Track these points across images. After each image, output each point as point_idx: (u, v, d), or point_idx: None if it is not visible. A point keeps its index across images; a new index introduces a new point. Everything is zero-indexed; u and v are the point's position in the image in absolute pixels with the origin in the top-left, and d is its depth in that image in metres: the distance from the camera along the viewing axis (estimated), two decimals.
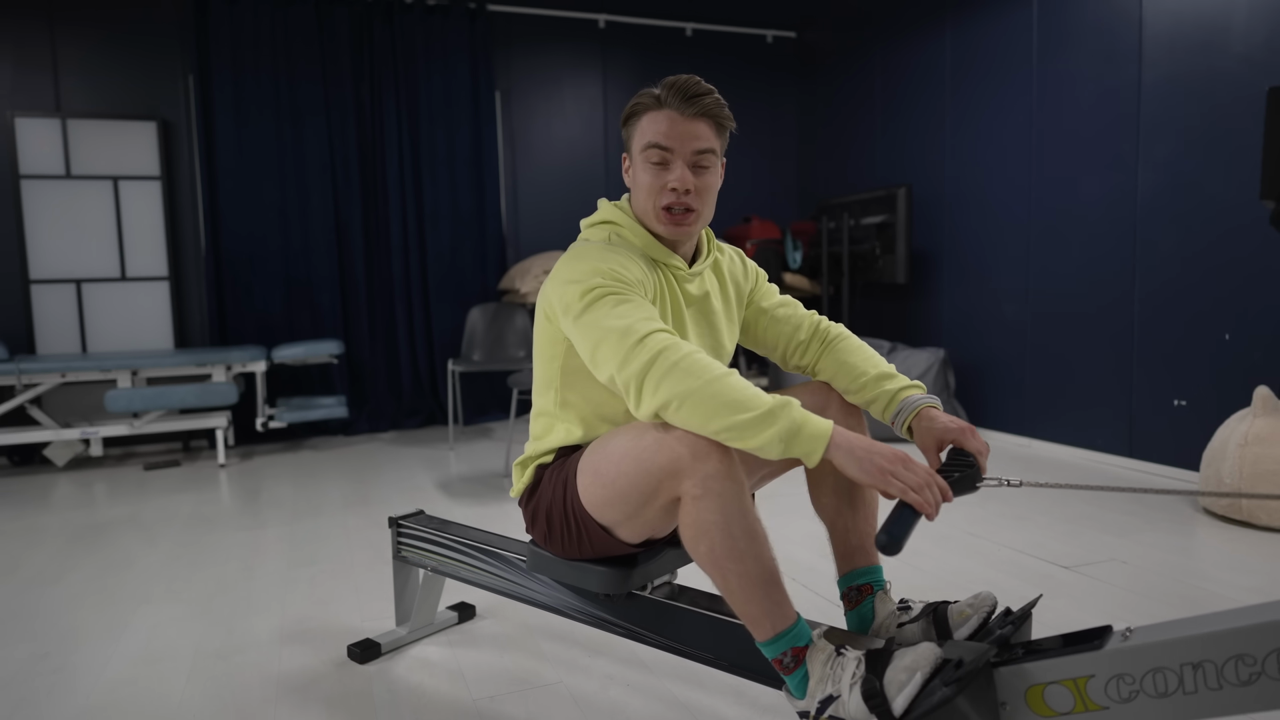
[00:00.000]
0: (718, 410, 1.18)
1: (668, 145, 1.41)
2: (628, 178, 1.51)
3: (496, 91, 5.22)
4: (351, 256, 4.95)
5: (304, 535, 2.95)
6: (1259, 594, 2.20)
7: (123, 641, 2.07)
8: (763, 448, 1.18)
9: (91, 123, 4.45)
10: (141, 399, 4.05)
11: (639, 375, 1.23)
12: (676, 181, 1.41)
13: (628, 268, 1.37)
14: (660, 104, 1.42)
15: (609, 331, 1.27)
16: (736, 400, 1.19)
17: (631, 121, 1.47)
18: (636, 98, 1.46)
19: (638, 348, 1.24)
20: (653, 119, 1.42)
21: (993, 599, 1.34)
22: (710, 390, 1.19)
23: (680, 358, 1.22)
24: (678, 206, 1.43)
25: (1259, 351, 3.12)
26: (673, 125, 1.41)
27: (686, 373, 1.21)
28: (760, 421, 1.17)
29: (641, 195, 1.45)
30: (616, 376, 1.27)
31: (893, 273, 4.59)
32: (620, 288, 1.33)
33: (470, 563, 1.83)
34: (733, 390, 1.20)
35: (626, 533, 1.38)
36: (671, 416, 1.22)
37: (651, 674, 1.83)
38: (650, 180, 1.43)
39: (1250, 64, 3.08)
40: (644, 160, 1.43)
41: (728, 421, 1.18)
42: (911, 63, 4.76)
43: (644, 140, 1.43)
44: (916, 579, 2.38)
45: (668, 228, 1.44)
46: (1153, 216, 3.47)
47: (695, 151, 1.42)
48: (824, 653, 1.21)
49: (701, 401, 1.19)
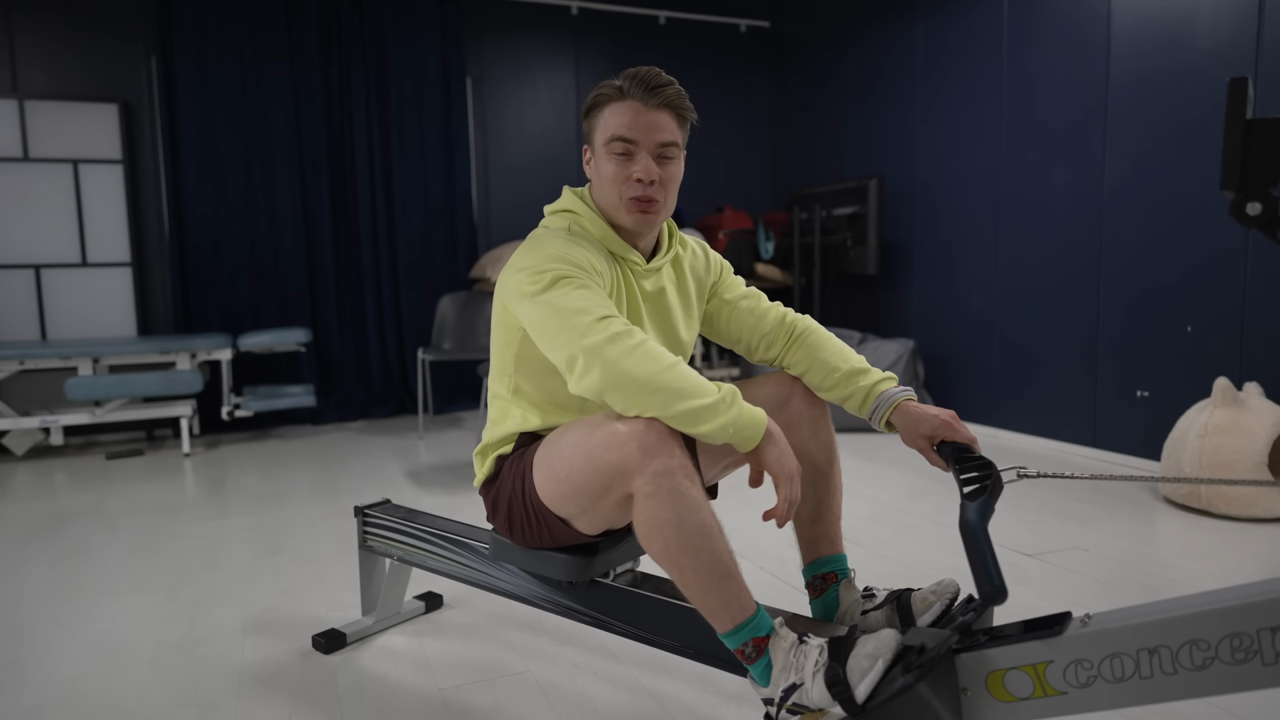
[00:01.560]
0: (672, 396, 1.21)
1: (632, 137, 1.40)
2: (589, 169, 1.49)
3: (468, 78, 5.16)
4: (320, 243, 4.89)
5: (269, 525, 2.91)
6: (1216, 580, 2.25)
7: (81, 634, 2.04)
8: (712, 434, 1.22)
9: (50, 104, 4.34)
10: (103, 387, 3.98)
11: (590, 351, 1.23)
12: (642, 172, 1.40)
13: (588, 257, 1.37)
14: (623, 95, 1.41)
15: (564, 310, 1.27)
16: (689, 387, 1.22)
17: (594, 113, 1.45)
18: (598, 89, 1.45)
19: (595, 325, 1.25)
20: (615, 110, 1.41)
21: (955, 586, 1.35)
22: (665, 377, 1.21)
23: (637, 342, 1.24)
24: (635, 195, 1.42)
25: (1220, 344, 3.18)
26: (636, 116, 1.40)
27: (645, 356, 1.22)
28: (712, 409, 1.22)
29: (606, 187, 1.44)
30: (566, 351, 1.26)
31: (864, 264, 4.61)
32: (579, 274, 1.32)
33: (436, 552, 1.82)
34: (685, 378, 1.23)
35: (584, 525, 1.37)
36: (623, 400, 1.23)
37: (619, 663, 1.83)
38: (615, 171, 1.42)
39: (1215, 59, 3.12)
40: (608, 152, 1.42)
41: (682, 407, 1.21)
42: (883, 53, 4.78)
43: (607, 132, 1.42)
44: (882, 566, 2.40)
45: (634, 217, 1.43)
46: (1119, 209, 3.51)
47: (659, 143, 1.42)
48: (786, 641, 1.21)
49: (658, 388, 1.21)
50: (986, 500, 1.28)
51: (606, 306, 1.28)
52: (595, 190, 1.48)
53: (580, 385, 1.25)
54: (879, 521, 2.84)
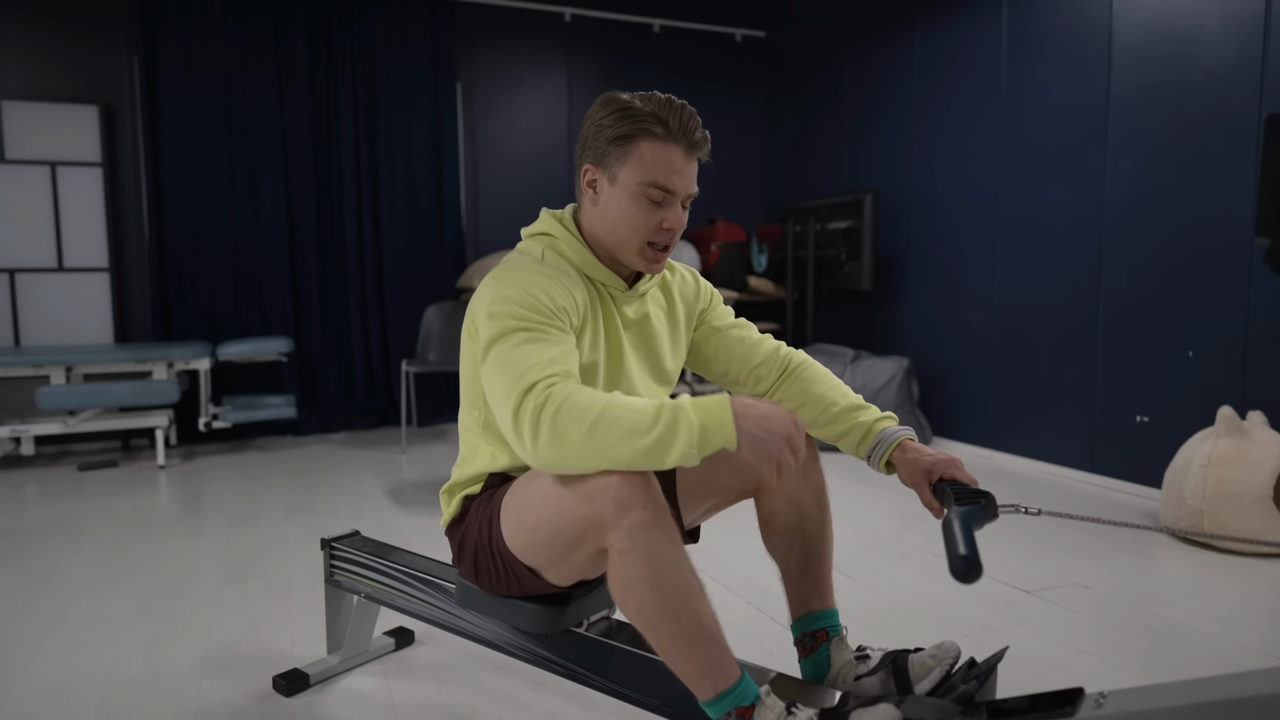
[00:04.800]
0: (614, 447, 1.09)
1: (673, 188, 1.30)
2: (590, 193, 1.35)
3: (458, 84, 5.07)
4: (304, 250, 4.78)
5: (240, 547, 2.80)
6: (1222, 623, 2.16)
7: (29, 670, 1.93)
8: (679, 460, 1.10)
9: (28, 105, 4.23)
10: (76, 396, 3.86)
11: (520, 439, 1.14)
12: (674, 223, 1.32)
13: (552, 294, 1.26)
14: (668, 136, 1.28)
15: (503, 375, 1.18)
16: (628, 428, 1.09)
17: (625, 144, 1.29)
18: (633, 116, 1.28)
19: (520, 406, 1.14)
20: (656, 151, 1.28)
21: (956, 650, 1.26)
22: (598, 431, 1.09)
23: (556, 409, 1.11)
24: (661, 243, 1.33)
25: (1222, 369, 3.10)
26: (679, 165, 1.30)
27: (568, 420, 1.10)
28: (663, 443, 1.09)
29: (621, 225, 1.32)
30: (503, 422, 1.18)
31: (858, 279, 4.53)
32: (534, 321, 1.22)
33: (406, 591, 1.72)
34: (619, 421, 1.09)
35: (554, 576, 1.28)
36: (572, 472, 1.14)
37: (597, 712, 1.73)
38: (643, 216, 1.31)
39: (1219, 78, 3.05)
40: (639, 194, 1.29)
41: (629, 453, 1.09)
42: (881, 67, 4.70)
43: (646, 175, 1.29)
44: (875, 603, 2.31)
45: (649, 264, 1.35)
46: (1118, 228, 3.43)
47: (689, 194, 1.34)
48: (773, 711, 1.12)
49: (594, 449, 1.10)
50: (975, 509, 1.18)
51: (550, 363, 1.17)
52: (596, 219, 1.35)
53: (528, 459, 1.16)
54: (871, 551, 2.74)
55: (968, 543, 1.07)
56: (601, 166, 1.33)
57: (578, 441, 1.09)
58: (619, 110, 1.29)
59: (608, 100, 1.31)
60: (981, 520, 1.20)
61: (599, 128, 1.31)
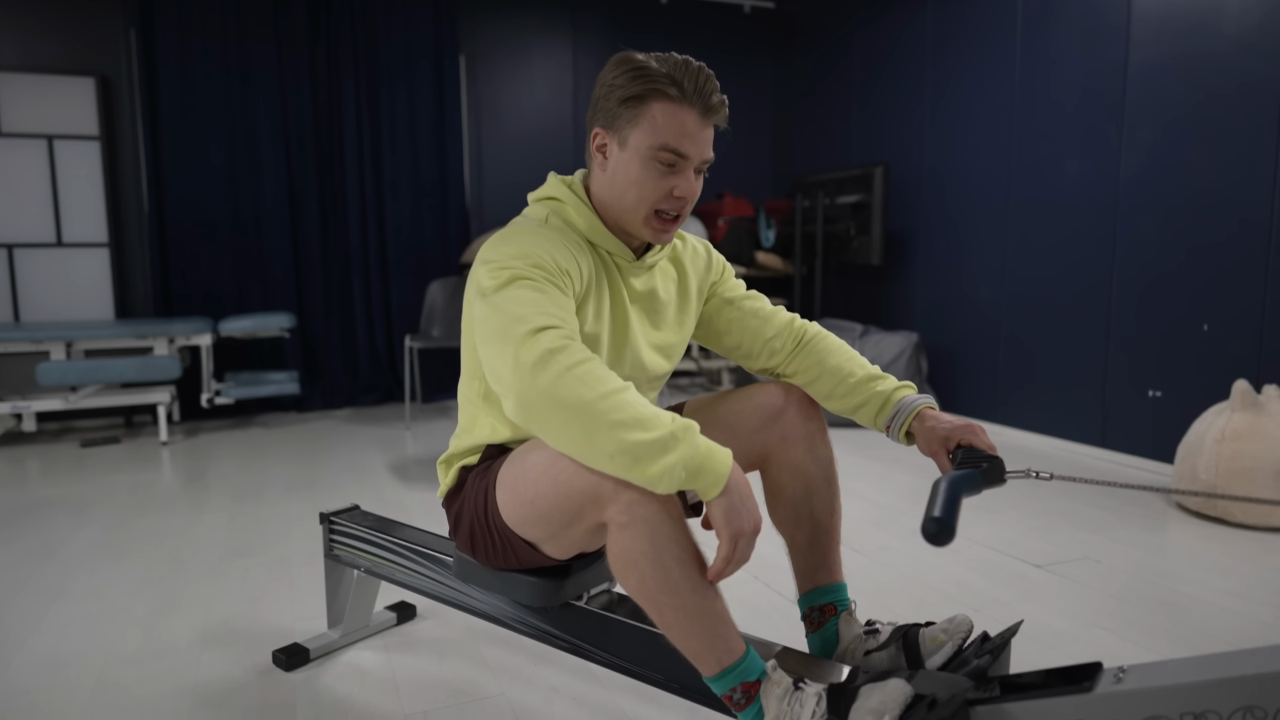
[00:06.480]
0: (611, 428, 1.01)
1: (686, 152, 1.23)
2: (599, 157, 1.29)
3: (461, 56, 4.99)
4: (306, 225, 4.74)
5: (242, 522, 2.78)
6: (1236, 597, 2.12)
7: (29, 644, 1.91)
8: (658, 479, 1.02)
9: (24, 77, 4.17)
10: (76, 372, 3.84)
11: (517, 373, 1.06)
12: (685, 190, 1.25)
13: (555, 255, 1.20)
14: (682, 98, 1.21)
15: (505, 314, 1.10)
16: (634, 418, 1.02)
17: (636, 104, 1.22)
18: (646, 76, 1.21)
19: (528, 339, 1.07)
20: (669, 113, 1.21)
21: (968, 624, 1.22)
22: (605, 405, 1.02)
23: (574, 363, 1.05)
24: (671, 212, 1.27)
25: (1237, 343, 3.04)
26: (693, 128, 1.23)
27: (579, 380, 1.03)
28: (661, 446, 1.01)
29: (630, 191, 1.25)
30: (494, 367, 1.10)
31: (867, 254, 4.47)
32: (536, 275, 1.15)
33: (406, 565, 1.69)
34: (631, 406, 1.03)
35: (552, 550, 1.24)
36: (550, 433, 1.05)
37: (600, 685, 1.70)
38: (653, 181, 1.24)
39: (1243, 46, 2.97)
40: (650, 158, 1.23)
41: (622, 442, 1.01)
42: (892, 37, 4.61)
43: (658, 138, 1.22)
44: (884, 577, 2.27)
45: (656, 234, 1.28)
46: (1134, 202, 3.36)
47: (704, 160, 1.26)
48: (780, 687, 1.08)
49: (592, 417, 1.02)
50: (972, 474, 1.15)
51: (551, 315, 1.11)
52: (605, 185, 1.29)
53: (508, 410, 1.09)
54: (880, 526, 2.71)
55: (946, 506, 1.03)
56: (611, 129, 1.26)
57: (578, 404, 1.02)
58: (632, 70, 1.22)
59: (621, 60, 1.24)
60: (980, 485, 1.16)
61: (610, 88, 1.24)
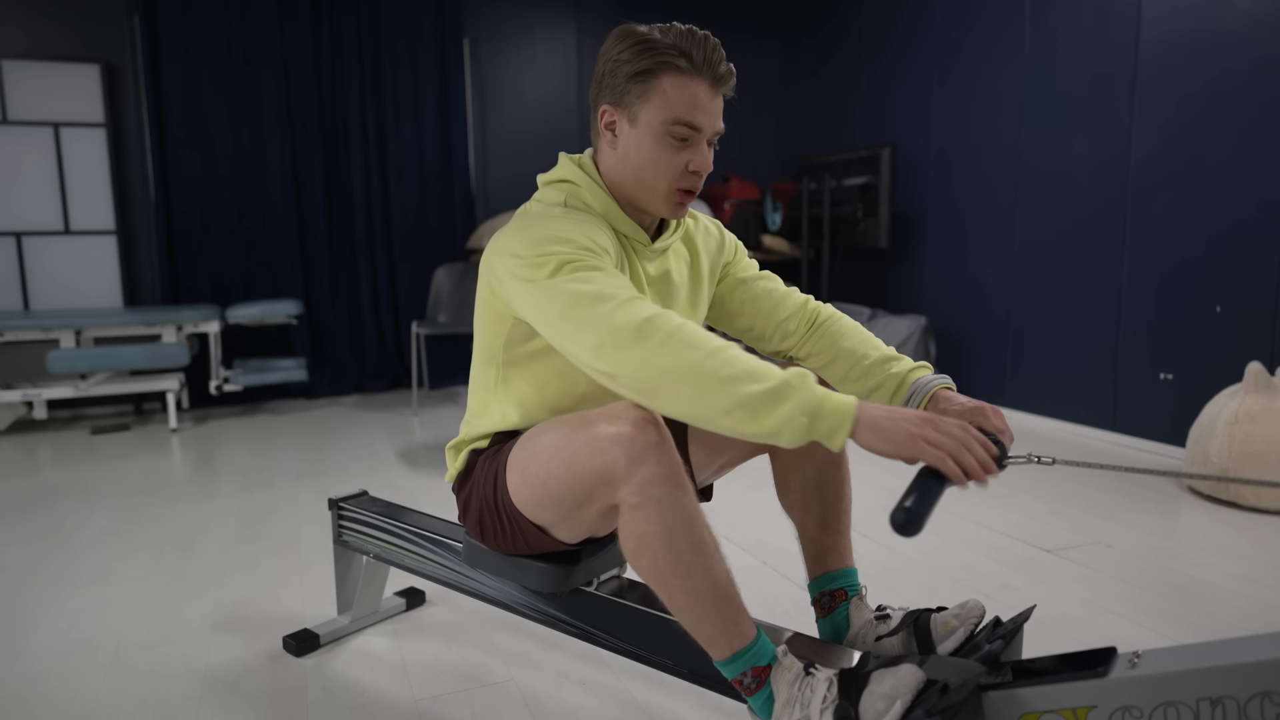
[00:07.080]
0: (723, 385, 0.98)
1: (699, 125, 1.20)
2: (607, 135, 1.26)
3: (465, 39, 4.96)
4: (311, 211, 4.73)
5: (252, 509, 2.79)
6: (1249, 582, 2.11)
7: (42, 629, 1.92)
8: (779, 429, 0.98)
9: (29, 64, 4.16)
10: (86, 360, 3.85)
11: (618, 346, 1.03)
12: (700, 165, 1.23)
13: (593, 236, 1.17)
14: (692, 70, 1.19)
15: (580, 297, 1.07)
16: (745, 371, 0.99)
17: (646, 79, 1.19)
18: (654, 49, 1.18)
19: (620, 310, 1.05)
20: (680, 86, 1.19)
21: (980, 609, 1.21)
22: (713, 362, 0.99)
23: (675, 327, 1.02)
24: (689, 187, 1.25)
25: (1250, 325, 3.01)
26: (704, 100, 1.20)
27: (684, 343, 1.01)
28: (776, 395, 0.98)
29: (644, 168, 1.23)
30: (587, 340, 1.06)
31: (874, 237, 4.43)
32: (585, 255, 1.13)
33: (414, 550, 1.69)
34: (740, 361, 1.00)
35: (562, 533, 1.23)
36: (663, 399, 1.02)
37: (610, 671, 1.70)
38: (667, 157, 1.21)
39: (1257, 22, 2.92)
40: (664, 134, 1.20)
41: (736, 396, 0.98)
42: (899, 15, 4.56)
43: (670, 112, 1.19)
44: (893, 562, 2.27)
45: (673, 209, 1.26)
46: (1146, 182, 3.33)
47: (716, 132, 1.24)
48: (790, 672, 1.08)
49: (703, 376, 0.99)
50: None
51: (628, 287, 1.09)
52: (616, 164, 1.26)
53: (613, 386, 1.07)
54: (888, 510, 2.70)
55: (920, 498, 0.98)
56: (620, 106, 1.23)
57: (687, 365, 1.00)
58: (638, 43, 1.19)
59: (624, 33, 1.22)
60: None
61: (616, 63, 1.21)
